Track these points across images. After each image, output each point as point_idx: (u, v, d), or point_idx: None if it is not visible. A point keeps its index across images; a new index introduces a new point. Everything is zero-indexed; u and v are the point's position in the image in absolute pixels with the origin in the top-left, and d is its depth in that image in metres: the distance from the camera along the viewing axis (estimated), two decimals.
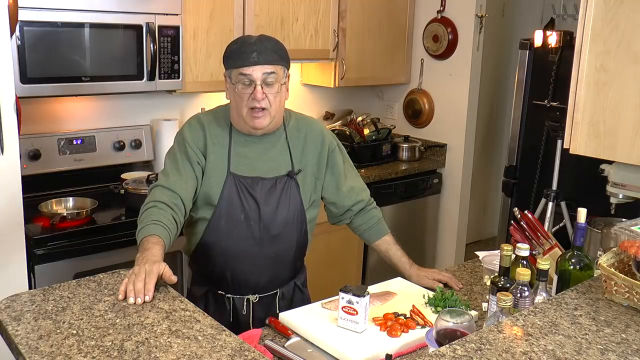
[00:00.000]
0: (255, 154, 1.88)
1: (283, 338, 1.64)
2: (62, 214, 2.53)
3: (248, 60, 1.77)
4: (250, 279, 1.91)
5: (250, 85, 1.78)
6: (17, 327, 1.38)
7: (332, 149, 1.99)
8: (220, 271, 1.91)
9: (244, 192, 1.85)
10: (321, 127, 2.03)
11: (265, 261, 1.91)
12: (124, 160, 3.11)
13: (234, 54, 1.81)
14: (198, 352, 1.29)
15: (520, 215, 2.02)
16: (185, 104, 3.40)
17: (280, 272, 1.96)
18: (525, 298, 1.51)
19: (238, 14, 3.14)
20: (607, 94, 1.92)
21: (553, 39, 3.61)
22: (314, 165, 1.95)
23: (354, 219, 2.07)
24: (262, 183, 1.87)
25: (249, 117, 1.81)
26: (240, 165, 1.86)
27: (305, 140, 1.95)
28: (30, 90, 2.51)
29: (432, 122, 4.09)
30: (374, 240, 2.08)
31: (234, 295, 1.93)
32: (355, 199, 2.03)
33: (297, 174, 1.91)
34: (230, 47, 1.84)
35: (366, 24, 3.75)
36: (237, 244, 1.87)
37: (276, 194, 1.87)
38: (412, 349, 1.59)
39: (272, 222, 1.87)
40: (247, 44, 1.79)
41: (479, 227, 5.14)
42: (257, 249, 1.88)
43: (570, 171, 3.51)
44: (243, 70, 1.77)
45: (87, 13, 2.61)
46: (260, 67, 1.77)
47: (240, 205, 1.85)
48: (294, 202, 1.90)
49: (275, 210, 1.87)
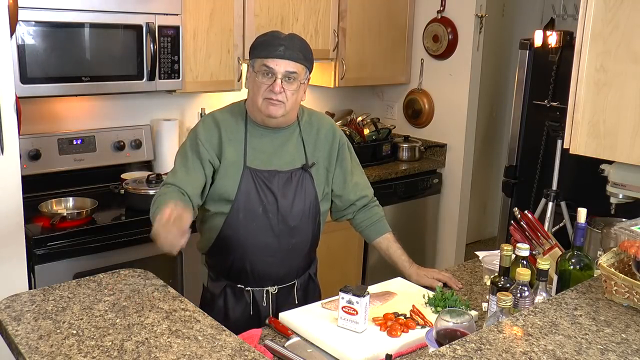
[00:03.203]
0: (271, 148, 1.91)
1: (283, 338, 1.64)
2: (62, 214, 2.53)
3: (274, 52, 1.79)
4: (270, 270, 1.94)
5: (271, 77, 1.80)
6: (17, 327, 1.38)
7: (342, 143, 2.04)
8: (239, 264, 1.93)
9: (262, 186, 1.87)
10: (332, 121, 2.08)
11: (283, 252, 1.93)
12: (124, 160, 3.11)
13: (261, 45, 1.83)
14: (198, 352, 1.29)
15: (520, 215, 2.02)
16: (185, 104, 3.40)
17: (297, 262, 2.00)
18: (525, 298, 1.51)
19: (238, 14, 3.14)
20: (607, 94, 1.92)
21: (553, 39, 3.61)
22: (325, 158, 1.99)
23: (356, 214, 2.09)
24: (278, 176, 1.89)
25: (264, 105, 1.83)
26: (256, 160, 1.89)
27: (317, 134, 1.98)
28: (30, 90, 2.51)
29: (432, 122, 4.09)
30: (375, 237, 2.09)
31: (253, 287, 1.95)
32: (359, 194, 2.06)
33: (311, 167, 1.94)
34: (259, 38, 1.87)
35: (366, 24, 3.75)
36: (256, 236, 1.89)
37: (292, 187, 1.90)
38: (412, 349, 1.59)
39: (290, 214, 1.90)
40: (276, 38, 1.83)
41: (479, 227, 5.14)
42: (276, 240, 1.91)
43: (570, 171, 3.51)
44: (267, 62, 1.79)
45: (87, 13, 2.61)
46: (285, 62, 1.80)
47: (258, 199, 1.87)
48: (309, 194, 1.94)
49: (292, 202, 1.90)
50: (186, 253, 2.80)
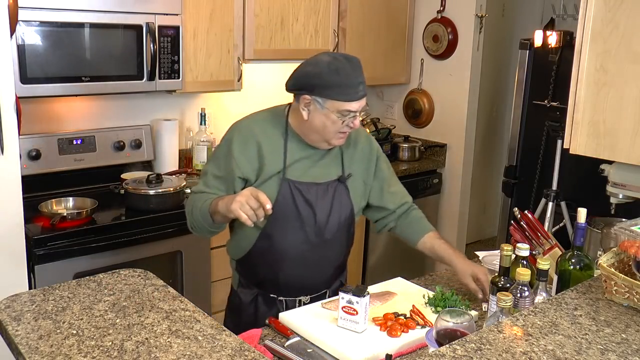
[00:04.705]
0: (311, 160, 1.88)
1: (283, 338, 1.64)
2: (62, 214, 2.53)
3: (356, 95, 1.74)
4: (303, 281, 1.92)
5: (349, 115, 1.76)
6: (17, 327, 1.38)
7: (379, 155, 2.02)
8: (273, 275, 1.91)
9: (299, 198, 1.84)
10: (367, 133, 2.07)
11: (317, 264, 1.92)
12: (124, 160, 3.11)
13: (339, 87, 1.73)
14: (198, 352, 1.29)
15: (520, 215, 2.02)
16: (185, 104, 3.40)
17: (330, 272, 1.98)
18: (525, 298, 1.51)
19: (238, 14, 3.14)
20: (607, 94, 1.92)
21: (553, 39, 3.61)
22: (363, 171, 1.97)
23: (397, 222, 2.06)
24: (316, 188, 1.86)
25: (335, 138, 1.81)
26: (294, 170, 1.85)
27: (355, 147, 1.96)
28: (30, 90, 2.51)
29: (432, 122, 4.09)
30: (418, 238, 2.02)
31: (286, 297, 1.93)
32: (398, 202, 2.04)
33: (347, 179, 1.92)
34: (331, 77, 1.73)
35: (366, 24, 3.76)
36: (291, 248, 1.87)
37: (329, 199, 1.88)
38: (412, 349, 1.59)
39: (326, 227, 1.88)
40: (351, 76, 1.73)
41: (479, 227, 5.14)
42: (311, 252, 1.89)
43: (570, 171, 3.51)
44: (348, 107, 1.74)
45: (87, 13, 2.61)
46: (363, 100, 1.77)
47: (295, 210, 1.84)
48: (345, 206, 1.91)
49: (328, 214, 1.88)
50: (186, 253, 2.80)
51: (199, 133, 3.32)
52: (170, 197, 2.76)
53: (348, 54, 1.80)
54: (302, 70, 1.79)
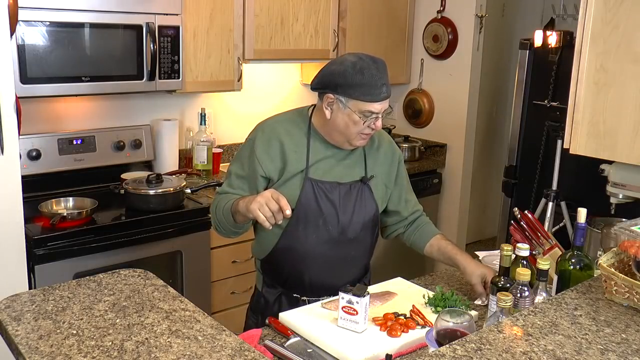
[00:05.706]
0: (334, 160, 1.88)
1: (283, 338, 1.64)
2: (62, 214, 2.53)
3: (379, 96, 1.74)
4: (327, 281, 1.91)
5: (372, 116, 1.77)
6: (17, 327, 1.38)
7: (400, 160, 2.03)
8: (296, 275, 1.91)
9: (322, 197, 1.84)
10: (389, 137, 2.06)
11: (341, 264, 1.92)
12: (124, 160, 3.11)
13: (362, 87, 1.73)
14: (198, 352, 1.29)
15: (520, 215, 2.02)
16: (185, 104, 3.40)
17: (354, 272, 1.98)
18: (525, 298, 1.51)
19: (238, 14, 3.15)
20: (607, 94, 1.92)
21: (553, 39, 3.61)
22: (385, 174, 1.97)
23: (407, 228, 2.08)
24: (339, 188, 1.87)
25: (357, 139, 1.81)
26: (317, 170, 1.86)
27: (378, 150, 1.97)
28: (30, 90, 2.51)
29: (432, 122, 4.09)
30: (424, 242, 2.02)
31: (309, 297, 1.93)
32: (411, 209, 2.05)
33: (370, 180, 1.92)
34: (355, 77, 1.73)
35: (366, 24, 3.76)
36: (315, 248, 1.87)
37: (352, 199, 1.88)
38: (412, 349, 1.59)
39: (349, 226, 1.88)
40: (375, 77, 1.73)
41: (479, 227, 5.14)
42: (335, 252, 1.89)
43: (570, 171, 3.51)
44: (372, 108, 1.74)
45: (87, 13, 2.61)
46: (386, 101, 1.77)
47: (319, 210, 1.84)
48: (370, 206, 1.92)
49: (352, 214, 1.88)
50: (186, 253, 2.80)
51: (199, 133, 3.31)
52: (170, 197, 2.76)
53: (374, 56, 1.80)
54: (327, 69, 1.80)
